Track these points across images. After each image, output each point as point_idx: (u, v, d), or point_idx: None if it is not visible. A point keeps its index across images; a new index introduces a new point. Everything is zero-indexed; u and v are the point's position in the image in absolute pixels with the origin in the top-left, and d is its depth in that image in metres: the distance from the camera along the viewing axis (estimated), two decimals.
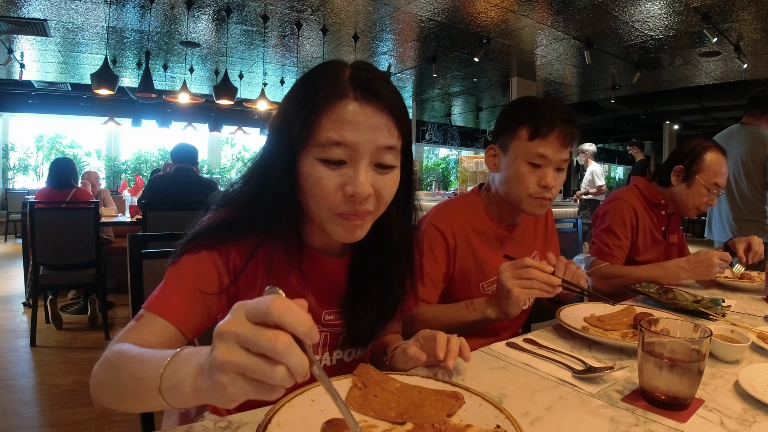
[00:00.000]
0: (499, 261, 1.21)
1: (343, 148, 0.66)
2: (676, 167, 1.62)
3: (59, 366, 2.66)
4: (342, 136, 0.65)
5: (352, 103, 0.66)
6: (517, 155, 1.14)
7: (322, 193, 0.67)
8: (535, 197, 1.14)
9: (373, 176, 0.68)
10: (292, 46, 5.90)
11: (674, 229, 1.76)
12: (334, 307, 0.82)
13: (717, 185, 1.58)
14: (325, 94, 0.66)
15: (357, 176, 0.66)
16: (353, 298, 0.81)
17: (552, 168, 1.13)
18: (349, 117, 0.66)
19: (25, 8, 4.69)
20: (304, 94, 0.69)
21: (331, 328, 0.82)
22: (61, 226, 3.04)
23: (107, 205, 4.41)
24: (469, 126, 12.06)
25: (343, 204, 0.67)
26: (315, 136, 0.66)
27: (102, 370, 0.58)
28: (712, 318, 1.12)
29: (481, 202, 1.27)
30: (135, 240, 1.03)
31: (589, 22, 4.83)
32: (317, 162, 0.67)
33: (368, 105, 0.67)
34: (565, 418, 0.64)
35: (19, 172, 9.31)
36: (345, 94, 0.66)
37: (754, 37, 5.06)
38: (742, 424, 0.63)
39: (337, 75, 0.68)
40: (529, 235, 1.31)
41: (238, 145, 11.67)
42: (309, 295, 0.78)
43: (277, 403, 0.59)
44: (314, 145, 0.67)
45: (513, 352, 0.89)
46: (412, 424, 0.60)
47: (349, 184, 0.66)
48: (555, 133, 1.10)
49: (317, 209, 0.70)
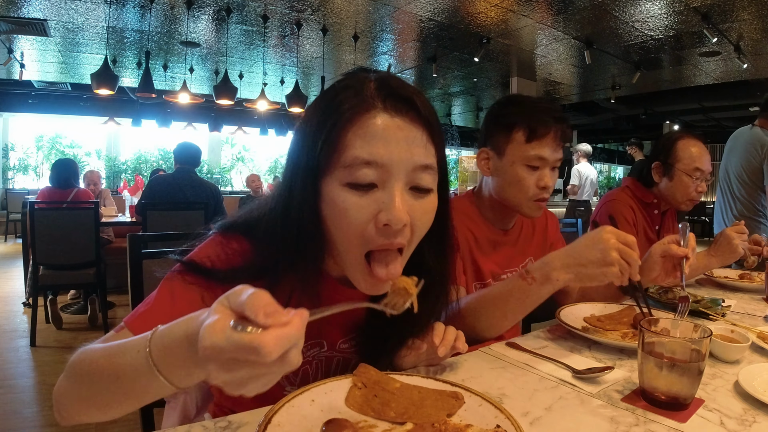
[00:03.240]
0: (493, 265, 1.21)
1: (374, 169, 0.57)
2: (654, 164, 1.63)
3: (59, 366, 2.66)
4: (371, 154, 0.56)
5: (382, 114, 0.58)
6: (514, 159, 1.11)
7: (351, 224, 0.58)
8: (533, 199, 1.12)
9: (409, 201, 0.59)
10: (292, 46, 5.90)
11: (669, 227, 1.76)
12: (351, 335, 0.77)
13: (698, 170, 1.56)
14: (349, 106, 0.58)
15: (392, 201, 0.57)
16: (372, 329, 0.74)
17: (548, 168, 1.12)
18: (379, 131, 0.57)
19: (25, 8, 4.69)
20: (324, 108, 0.61)
21: (344, 354, 0.79)
22: (61, 226, 3.04)
23: (107, 205, 4.41)
24: (469, 126, 12.06)
25: (376, 237, 0.58)
26: (340, 157, 0.57)
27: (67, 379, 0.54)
28: (712, 318, 1.12)
29: (474, 209, 1.24)
30: (135, 240, 1.03)
31: (589, 22, 4.83)
32: (344, 187, 0.58)
33: (400, 117, 0.58)
34: (565, 418, 0.64)
35: (19, 172, 9.31)
36: (373, 105, 0.58)
37: (754, 37, 5.05)
38: (742, 424, 0.63)
39: (362, 85, 0.60)
40: (525, 239, 1.29)
41: (238, 145, 11.66)
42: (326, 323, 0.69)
43: (277, 403, 0.59)
44: (339, 167, 0.58)
45: (513, 352, 0.89)
46: (412, 424, 0.60)
47: (382, 211, 0.57)
48: (551, 134, 1.09)
49: (346, 246, 0.60)
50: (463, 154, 11.67)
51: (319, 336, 0.74)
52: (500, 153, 1.14)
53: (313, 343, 0.74)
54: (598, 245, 0.82)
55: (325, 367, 0.77)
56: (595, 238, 0.83)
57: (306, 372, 0.75)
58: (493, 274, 1.20)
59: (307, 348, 0.72)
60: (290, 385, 0.76)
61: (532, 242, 1.30)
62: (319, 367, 0.76)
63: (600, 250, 0.81)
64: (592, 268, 0.82)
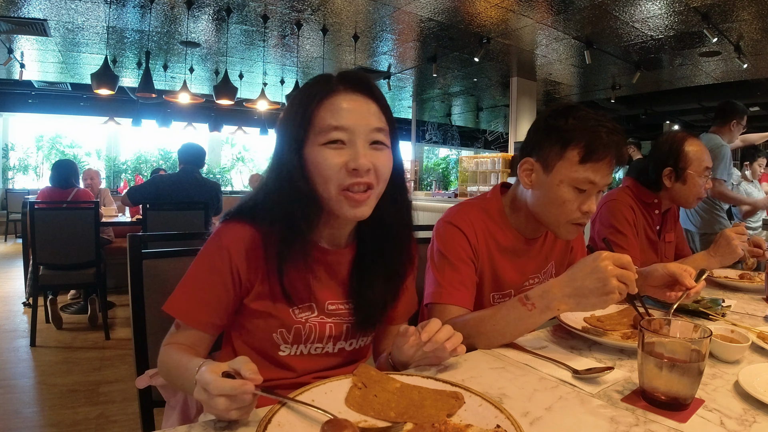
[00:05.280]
0: (513, 274, 1.15)
1: (341, 131, 0.76)
2: (665, 170, 1.62)
3: (59, 366, 2.66)
4: (339, 120, 0.76)
5: (343, 93, 0.78)
6: (563, 178, 1.01)
7: (329, 171, 0.76)
8: (573, 223, 1.05)
9: (370, 153, 0.77)
10: (292, 46, 5.90)
11: (670, 227, 1.75)
12: (339, 298, 0.86)
13: (707, 168, 1.61)
14: (319, 92, 0.78)
15: (357, 152, 0.75)
16: (358, 286, 0.86)
17: (595, 192, 1.03)
18: (342, 104, 0.77)
19: (25, 8, 4.69)
20: (301, 98, 0.79)
21: (335, 318, 0.86)
22: (61, 226, 3.04)
23: (107, 204, 4.41)
24: (469, 126, 12.07)
25: (348, 178, 0.76)
26: (316, 126, 0.76)
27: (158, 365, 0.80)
28: (712, 318, 1.12)
29: (502, 210, 1.15)
30: (135, 240, 1.03)
31: (589, 22, 4.83)
32: (321, 147, 0.76)
33: (357, 94, 0.78)
34: (565, 418, 0.64)
35: (19, 172, 9.32)
36: (336, 89, 0.78)
37: (754, 37, 5.06)
38: (742, 424, 0.63)
39: (327, 79, 0.80)
40: (548, 247, 1.21)
41: (239, 145, 11.67)
42: (313, 285, 0.83)
43: (278, 403, 0.59)
44: (316, 134, 0.76)
45: (513, 352, 0.89)
46: (412, 424, 0.60)
47: (351, 160, 0.75)
48: (609, 158, 0.99)
49: (325, 188, 0.77)
50: (463, 154, 11.68)
51: (309, 299, 0.83)
52: (547, 168, 1.04)
53: (303, 306, 0.83)
54: (596, 275, 0.81)
55: (319, 330, 0.84)
56: (592, 267, 0.82)
57: (298, 331, 0.83)
58: (514, 284, 1.15)
59: (299, 310, 0.83)
60: (285, 343, 0.83)
61: (555, 247, 1.23)
62: (313, 329, 0.84)
63: (598, 279, 0.81)
64: (593, 298, 0.82)
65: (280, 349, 0.84)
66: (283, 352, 0.84)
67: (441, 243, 1.09)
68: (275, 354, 0.84)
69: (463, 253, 1.07)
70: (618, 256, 0.82)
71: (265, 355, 0.84)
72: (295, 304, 0.81)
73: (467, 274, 1.07)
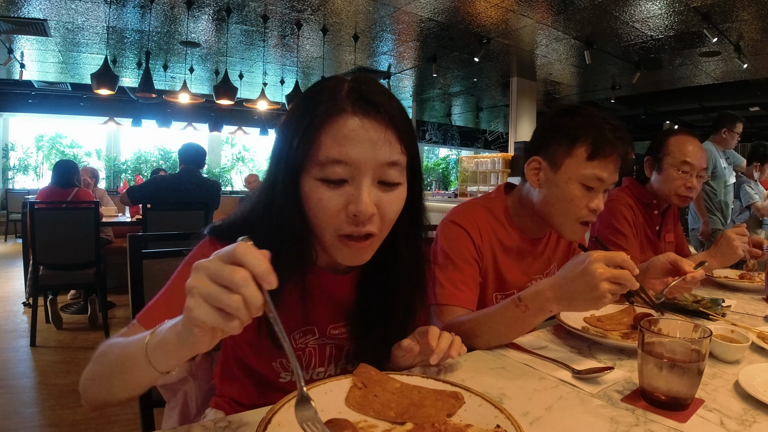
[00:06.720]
0: (518, 273, 1.15)
1: (343, 166, 0.64)
2: (645, 159, 1.65)
3: (59, 366, 2.66)
4: (341, 153, 0.63)
5: (351, 117, 0.64)
6: (571, 175, 1.03)
7: (324, 215, 0.65)
8: (580, 221, 1.05)
9: (376, 194, 0.66)
10: (292, 46, 5.90)
11: (670, 227, 1.75)
12: (340, 321, 0.81)
13: (687, 163, 1.55)
14: (323, 109, 0.65)
15: (359, 195, 0.64)
16: (360, 313, 0.79)
17: (603, 190, 1.04)
18: (348, 132, 0.64)
19: (25, 8, 4.69)
20: (303, 109, 0.68)
21: (337, 341, 0.81)
22: (61, 226, 3.04)
23: (105, 204, 4.41)
24: (469, 126, 12.07)
25: (347, 225, 0.65)
26: (314, 155, 0.64)
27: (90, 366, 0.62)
28: (712, 318, 1.11)
29: (507, 210, 1.15)
30: (135, 240, 1.03)
31: (589, 22, 4.83)
32: (318, 182, 0.65)
33: (368, 119, 0.64)
34: (565, 418, 0.64)
35: (19, 172, 9.32)
36: (343, 108, 0.64)
37: (754, 37, 5.06)
38: (742, 424, 0.63)
39: (335, 89, 0.66)
40: (551, 248, 1.21)
41: (238, 145, 11.67)
42: (312, 309, 0.76)
43: (278, 403, 0.59)
44: (314, 164, 0.65)
45: (513, 352, 0.89)
46: (412, 424, 0.60)
47: (351, 203, 0.64)
48: (615, 155, 1.01)
49: (321, 231, 0.68)
50: (463, 154, 11.68)
51: (308, 323, 0.77)
52: (555, 166, 1.05)
53: (304, 330, 0.77)
54: (586, 278, 0.77)
55: (319, 354, 0.80)
56: (582, 270, 0.78)
57: (299, 358, 0.77)
58: (518, 284, 1.14)
59: (300, 335, 0.77)
60: (284, 372, 0.78)
61: (558, 248, 1.23)
62: (313, 354, 0.79)
63: (587, 283, 0.77)
64: (584, 301, 0.80)
65: (280, 376, 0.79)
66: (284, 379, 0.79)
67: (445, 242, 1.09)
68: (275, 380, 0.79)
69: (467, 253, 1.07)
70: (611, 255, 0.79)
71: (265, 381, 0.80)
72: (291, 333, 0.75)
73: (471, 275, 1.07)
